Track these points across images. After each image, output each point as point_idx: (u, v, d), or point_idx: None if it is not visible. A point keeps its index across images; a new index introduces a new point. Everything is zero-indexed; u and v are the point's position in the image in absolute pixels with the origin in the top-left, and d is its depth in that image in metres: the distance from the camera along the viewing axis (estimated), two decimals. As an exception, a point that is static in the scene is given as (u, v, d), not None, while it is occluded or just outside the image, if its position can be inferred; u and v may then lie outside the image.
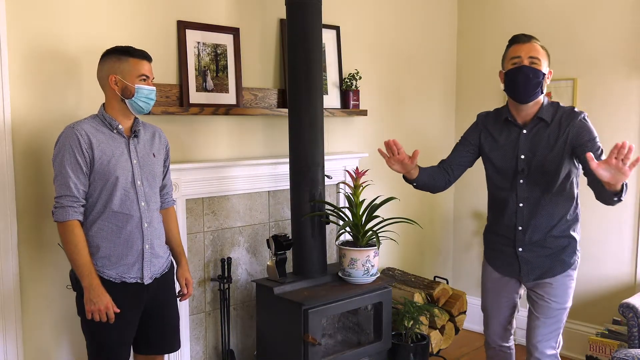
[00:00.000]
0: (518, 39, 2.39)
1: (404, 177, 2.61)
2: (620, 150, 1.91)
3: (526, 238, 2.47)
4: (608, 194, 2.14)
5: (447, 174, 2.65)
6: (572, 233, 2.46)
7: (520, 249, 2.49)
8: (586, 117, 2.40)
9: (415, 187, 2.63)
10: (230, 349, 3.07)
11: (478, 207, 4.20)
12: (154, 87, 2.29)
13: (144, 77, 2.25)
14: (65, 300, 2.54)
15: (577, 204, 2.48)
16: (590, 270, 3.68)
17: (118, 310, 2.18)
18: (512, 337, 2.76)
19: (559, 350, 2.56)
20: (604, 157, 2.27)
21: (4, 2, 2.30)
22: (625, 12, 3.47)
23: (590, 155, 2.00)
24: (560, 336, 2.55)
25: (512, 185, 2.48)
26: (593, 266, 3.66)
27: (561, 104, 2.45)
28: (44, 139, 2.45)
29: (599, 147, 2.33)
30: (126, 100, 2.23)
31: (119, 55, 2.23)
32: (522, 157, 2.43)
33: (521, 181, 2.45)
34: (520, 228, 2.48)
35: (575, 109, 2.41)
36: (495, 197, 2.59)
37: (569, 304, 2.50)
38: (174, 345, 2.48)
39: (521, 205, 2.46)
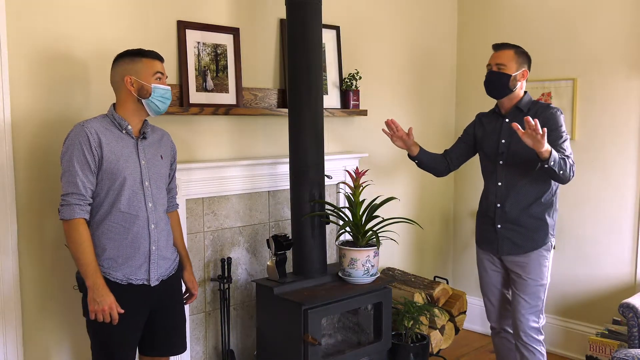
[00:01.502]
0: (493, 48, 2.83)
1: (408, 155, 3.04)
2: (529, 125, 2.41)
3: (504, 215, 2.81)
4: (538, 161, 2.53)
5: (446, 161, 3.08)
6: (546, 217, 2.77)
7: (499, 226, 2.83)
8: (558, 112, 2.75)
9: (417, 165, 3.06)
10: (230, 349, 3.07)
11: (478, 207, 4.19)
12: (169, 87, 2.30)
13: (159, 76, 2.25)
14: (65, 301, 2.54)
15: (553, 191, 2.78)
16: (590, 270, 3.68)
17: (122, 311, 2.16)
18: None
19: (541, 325, 2.83)
20: (567, 144, 2.69)
21: (3, 2, 2.30)
22: (625, 12, 3.47)
23: (515, 125, 2.48)
24: (543, 314, 2.82)
25: (494, 167, 2.85)
26: (593, 266, 3.66)
27: (538, 101, 2.86)
28: (44, 139, 2.45)
29: (562, 136, 2.69)
30: (143, 101, 2.23)
31: (132, 56, 2.24)
32: (503, 141, 2.81)
33: (501, 162, 2.81)
34: (498, 205, 2.83)
35: (551, 105, 2.80)
36: (485, 181, 2.95)
37: (545, 281, 2.79)
38: (180, 348, 2.47)
39: (500, 184, 2.82)
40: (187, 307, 2.91)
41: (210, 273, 3.03)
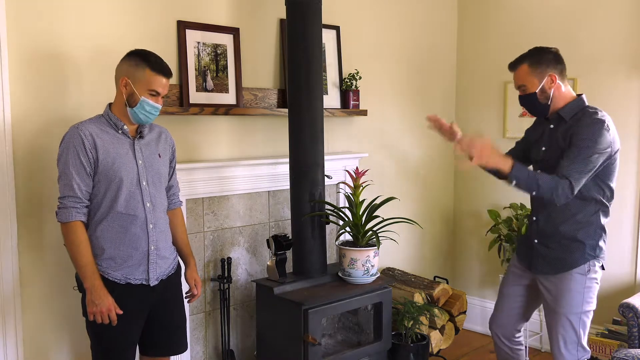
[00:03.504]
0: (508, 68, 2.58)
1: (496, 174, 2.55)
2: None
3: (540, 229, 2.55)
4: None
5: None
6: (579, 236, 2.43)
7: (535, 241, 2.57)
8: (598, 125, 2.34)
9: (515, 185, 2.41)
10: (230, 349, 3.07)
11: (478, 207, 4.20)
12: (160, 105, 2.23)
13: (154, 93, 2.20)
14: (65, 301, 2.54)
15: (597, 210, 2.44)
16: (590, 270, 3.67)
17: (121, 312, 2.16)
18: (518, 338, 2.76)
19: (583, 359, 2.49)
20: (579, 164, 2.32)
21: (3, 2, 2.30)
22: (625, 12, 3.47)
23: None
24: (582, 346, 2.47)
25: None
26: (593, 266, 3.65)
27: (590, 107, 2.44)
28: (44, 139, 2.45)
29: (578, 152, 2.32)
30: (127, 108, 2.20)
31: (139, 60, 2.18)
32: (543, 149, 2.56)
33: (538, 171, 2.49)
34: (534, 218, 2.59)
35: (598, 114, 2.37)
36: None
37: (579, 309, 2.44)
38: (181, 347, 2.47)
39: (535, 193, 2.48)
40: (187, 307, 2.92)
41: (210, 273, 3.03)
